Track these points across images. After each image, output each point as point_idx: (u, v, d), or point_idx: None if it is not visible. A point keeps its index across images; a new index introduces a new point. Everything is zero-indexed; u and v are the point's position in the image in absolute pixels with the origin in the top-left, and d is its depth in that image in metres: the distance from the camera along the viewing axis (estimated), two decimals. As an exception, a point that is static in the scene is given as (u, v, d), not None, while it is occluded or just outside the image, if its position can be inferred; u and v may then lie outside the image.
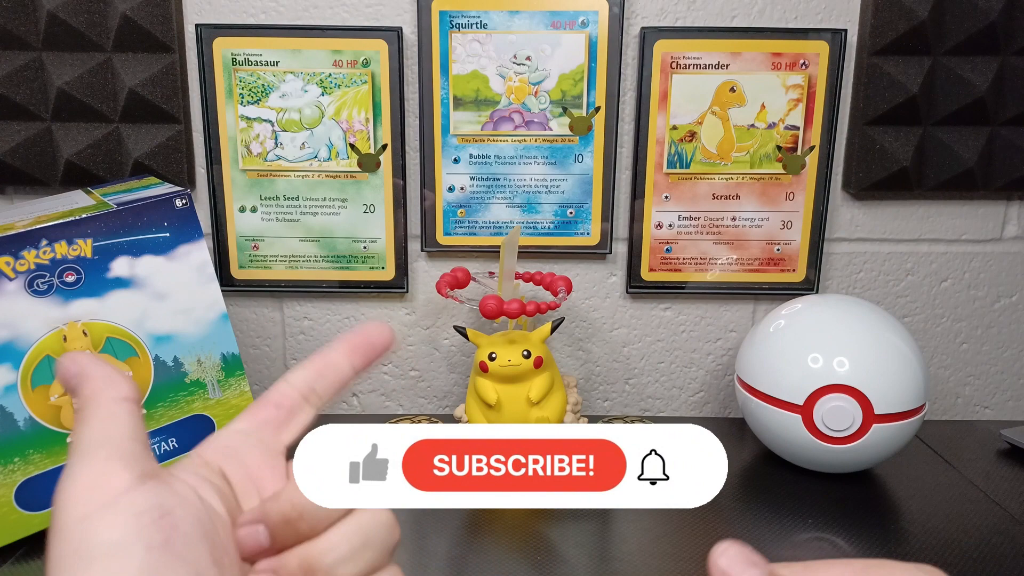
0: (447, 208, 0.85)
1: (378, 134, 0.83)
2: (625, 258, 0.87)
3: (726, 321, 0.90)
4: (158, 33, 0.79)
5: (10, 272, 0.62)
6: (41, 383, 0.64)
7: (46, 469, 0.65)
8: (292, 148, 0.83)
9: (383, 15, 0.81)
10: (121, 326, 0.66)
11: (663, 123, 0.83)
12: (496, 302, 0.74)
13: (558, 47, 0.81)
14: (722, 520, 0.70)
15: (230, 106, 0.82)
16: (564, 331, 0.90)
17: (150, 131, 0.82)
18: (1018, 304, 0.90)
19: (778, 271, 0.87)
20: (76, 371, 0.29)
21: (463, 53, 0.81)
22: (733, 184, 0.84)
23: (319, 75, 0.81)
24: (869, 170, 0.83)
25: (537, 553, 0.65)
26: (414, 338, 0.90)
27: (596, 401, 0.92)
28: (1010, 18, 0.80)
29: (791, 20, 0.82)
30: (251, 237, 0.85)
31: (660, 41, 0.81)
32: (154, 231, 0.67)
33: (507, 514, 0.71)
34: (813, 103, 0.82)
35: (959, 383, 0.93)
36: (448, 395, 0.92)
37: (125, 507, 0.24)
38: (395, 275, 0.86)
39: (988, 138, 0.83)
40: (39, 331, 0.63)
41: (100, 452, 0.26)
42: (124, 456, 0.26)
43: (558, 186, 0.84)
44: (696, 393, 0.92)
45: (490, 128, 0.83)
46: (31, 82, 0.79)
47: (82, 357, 0.29)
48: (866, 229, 0.87)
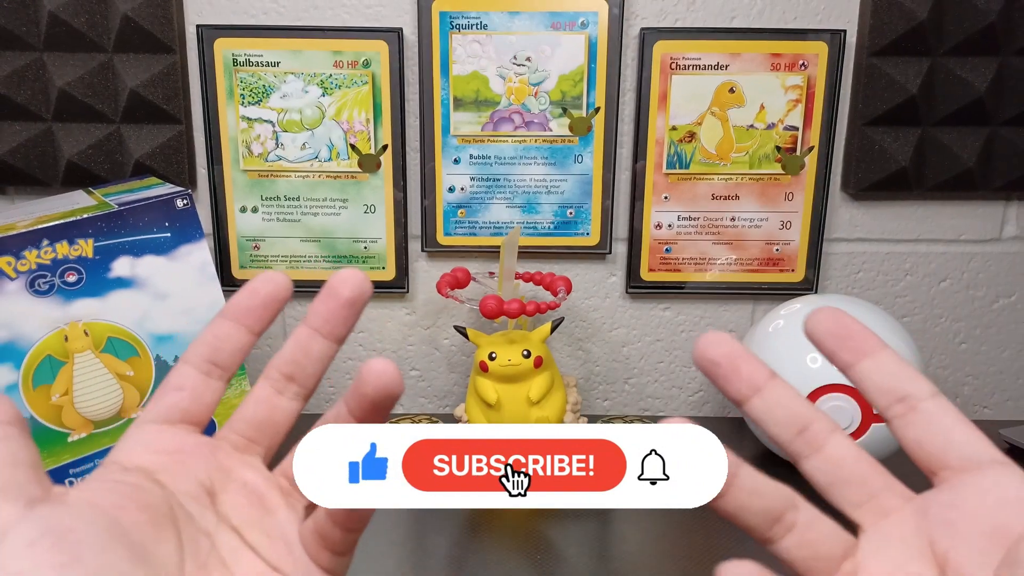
0: (447, 208, 0.85)
1: (378, 135, 0.83)
2: (625, 258, 0.87)
3: (725, 321, 0.90)
4: (159, 34, 0.79)
5: (11, 272, 0.62)
6: (42, 383, 0.64)
7: (47, 469, 0.65)
8: (293, 148, 0.83)
9: (383, 16, 0.82)
10: (122, 326, 0.67)
11: (663, 123, 0.83)
12: (496, 302, 0.74)
13: (558, 48, 0.81)
14: (722, 520, 0.70)
15: (231, 106, 0.82)
16: (564, 331, 0.90)
17: (151, 131, 0.82)
18: (1017, 304, 0.90)
19: (777, 271, 0.87)
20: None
21: (463, 54, 0.81)
22: (732, 184, 0.84)
23: (320, 76, 0.81)
24: (868, 170, 0.84)
25: (537, 553, 0.65)
26: (414, 338, 0.90)
27: (596, 401, 0.93)
28: (1010, 18, 0.80)
29: (790, 21, 0.82)
30: (252, 237, 0.85)
31: (660, 42, 0.81)
32: (155, 231, 0.67)
33: (507, 514, 0.71)
34: (812, 104, 0.82)
35: (958, 383, 0.93)
36: (448, 395, 0.92)
37: (16, 541, 0.23)
38: (395, 275, 0.87)
39: (987, 138, 0.83)
40: (40, 331, 0.63)
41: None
42: (4, 488, 0.24)
43: (558, 186, 0.84)
44: (696, 393, 0.92)
45: (490, 129, 0.83)
46: (32, 82, 0.80)
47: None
48: (865, 229, 0.88)
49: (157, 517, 0.27)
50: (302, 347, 0.30)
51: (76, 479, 0.66)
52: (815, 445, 0.28)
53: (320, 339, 0.30)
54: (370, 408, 0.29)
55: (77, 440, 0.66)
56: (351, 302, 0.30)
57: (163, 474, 0.28)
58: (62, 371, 0.65)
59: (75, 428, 0.66)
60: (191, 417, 0.30)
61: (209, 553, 0.28)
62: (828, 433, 0.29)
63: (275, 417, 0.31)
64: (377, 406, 0.29)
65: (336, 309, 0.30)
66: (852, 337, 0.29)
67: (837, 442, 0.29)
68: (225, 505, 0.29)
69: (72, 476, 0.66)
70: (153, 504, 0.27)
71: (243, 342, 0.31)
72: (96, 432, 0.67)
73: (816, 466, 0.28)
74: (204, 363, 0.30)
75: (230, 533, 0.29)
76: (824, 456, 0.28)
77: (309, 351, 0.30)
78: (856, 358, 0.29)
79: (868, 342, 0.29)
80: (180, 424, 0.30)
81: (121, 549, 0.24)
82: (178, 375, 0.30)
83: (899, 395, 0.28)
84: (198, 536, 0.28)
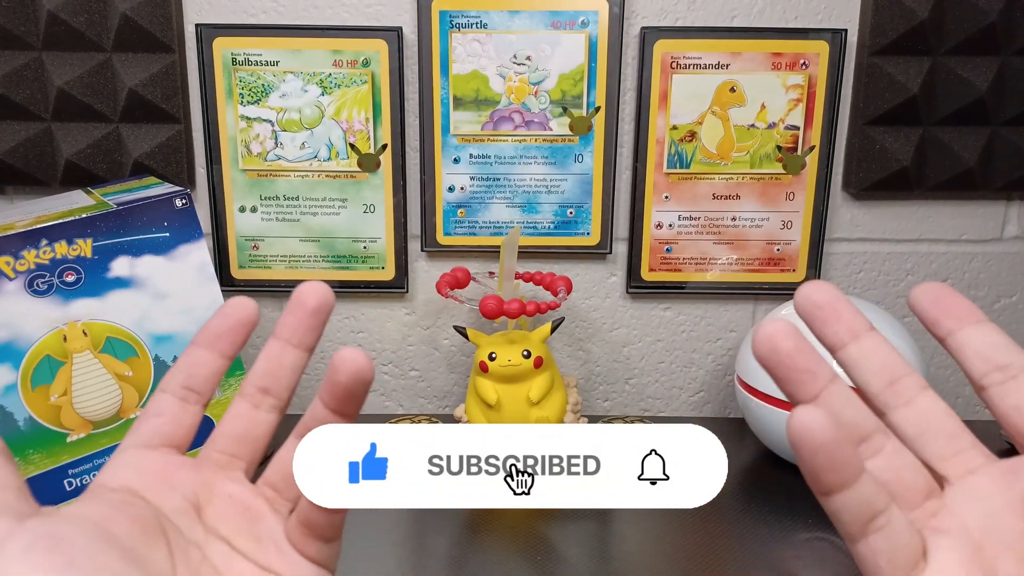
0: (447, 208, 0.85)
1: (378, 134, 0.83)
2: (625, 258, 0.87)
3: (726, 321, 0.90)
4: (158, 33, 0.79)
5: (10, 272, 0.62)
6: (41, 383, 0.64)
7: (46, 469, 0.65)
8: (292, 148, 0.83)
9: (383, 15, 0.81)
10: (121, 326, 0.66)
11: (663, 123, 0.83)
12: (496, 302, 0.74)
13: (558, 47, 0.81)
14: (722, 520, 0.70)
15: (230, 106, 0.82)
16: (564, 331, 0.90)
17: (150, 131, 0.82)
18: (1018, 304, 0.90)
19: (778, 271, 0.87)
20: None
21: (463, 53, 0.81)
22: (733, 184, 0.84)
23: (319, 75, 0.81)
24: (869, 170, 0.83)
25: (537, 553, 0.65)
26: (414, 338, 0.90)
27: (596, 401, 0.92)
28: (1010, 18, 0.80)
29: (791, 20, 0.82)
30: (251, 237, 0.85)
31: (660, 41, 0.81)
32: (154, 231, 0.67)
33: (507, 514, 0.71)
34: (813, 103, 0.82)
35: (959, 383, 0.93)
36: (448, 395, 0.92)
37: (12, 547, 0.23)
38: (395, 275, 0.86)
39: (988, 138, 0.83)
40: (39, 331, 0.63)
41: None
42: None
43: (558, 186, 0.84)
44: (696, 393, 0.92)
45: (490, 128, 0.83)
46: (31, 82, 0.79)
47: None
48: (866, 229, 0.87)
49: (147, 528, 0.27)
50: (275, 360, 0.32)
51: (75, 480, 0.66)
52: (905, 398, 0.29)
53: (291, 349, 0.31)
54: (344, 396, 0.30)
55: (76, 440, 0.66)
56: (316, 311, 0.31)
57: (149, 492, 0.29)
58: (61, 371, 0.65)
59: (74, 428, 0.66)
60: (172, 441, 0.31)
61: (201, 562, 0.28)
62: (919, 388, 0.29)
63: (254, 432, 0.32)
64: (351, 393, 0.30)
65: (303, 319, 0.31)
66: (956, 307, 0.30)
67: (928, 397, 0.29)
68: (212, 518, 0.30)
69: (71, 477, 0.66)
70: (142, 517, 0.27)
71: (216, 367, 0.32)
72: (95, 432, 0.67)
73: (905, 417, 0.29)
74: (180, 389, 0.31)
75: (219, 543, 0.29)
76: (914, 408, 0.29)
77: (282, 363, 0.31)
78: (959, 325, 0.30)
79: (972, 313, 0.30)
80: (161, 447, 0.30)
81: (115, 553, 0.25)
82: (156, 403, 0.31)
83: (999, 363, 0.29)
84: (188, 547, 0.28)
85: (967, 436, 0.29)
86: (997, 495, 0.28)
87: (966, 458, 0.29)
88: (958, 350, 0.30)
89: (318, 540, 0.30)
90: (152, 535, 0.27)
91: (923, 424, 0.29)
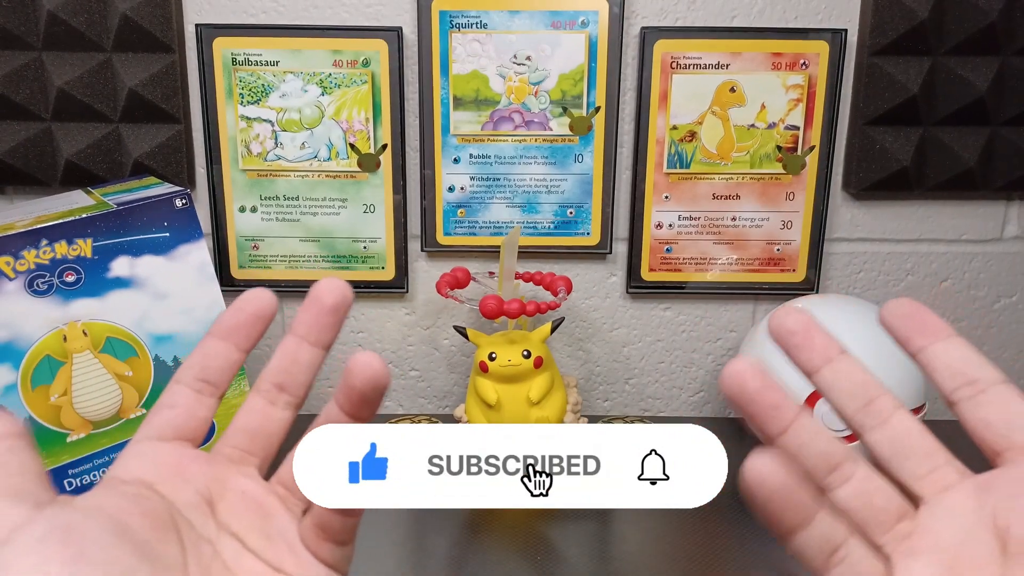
0: (447, 208, 0.85)
1: (378, 134, 0.83)
2: (625, 258, 0.87)
3: (726, 321, 0.90)
4: (158, 33, 0.79)
5: (10, 272, 0.62)
6: (41, 383, 0.64)
7: (46, 469, 0.65)
8: (292, 148, 0.83)
9: (383, 15, 0.81)
10: (121, 326, 0.66)
11: (663, 123, 0.83)
12: (496, 302, 0.74)
13: (558, 47, 0.81)
14: (722, 520, 0.70)
15: (230, 106, 0.82)
16: (564, 331, 0.90)
17: (150, 131, 0.82)
18: (1018, 304, 0.90)
19: (778, 271, 0.87)
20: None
21: (463, 53, 0.81)
22: (733, 184, 0.84)
23: (319, 75, 0.81)
24: (869, 170, 0.83)
25: (537, 553, 0.65)
26: (414, 338, 0.90)
27: (596, 401, 0.92)
28: (1010, 18, 0.80)
29: (791, 20, 0.82)
30: (251, 237, 0.85)
31: (660, 41, 0.81)
32: (154, 231, 0.67)
33: (507, 514, 0.71)
34: (813, 103, 0.82)
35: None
36: (448, 395, 0.92)
37: (26, 537, 0.24)
38: (395, 275, 0.86)
39: (988, 138, 0.83)
40: (39, 331, 0.63)
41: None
42: (12, 493, 0.25)
43: (558, 186, 0.84)
44: (696, 393, 0.92)
45: (490, 128, 0.83)
46: (31, 82, 0.79)
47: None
48: (866, 229, 0.87)
49: (160, 522, 0.27)
50: (290, 356, 0.31)
51: (75, 480, 0.66)
52: (881, 418, 0.30)
53: (307, 347, 0.31)
54: (360, 401, 0.30)
55: (76, 440, 0.66)
56: (335, 308, 0.31)
57: (162, 485, 0.29)
58: (61, 371, 0.65)
59: (74, 428, 0.66)
60: (185, 433, 0.30)
61: (212, 558, 0.28)
62: (893, 408, 0.30)
63: (268, 428, 0.31)
64: (366, 399, 0.30)
65: (320, 316, 0.31)
66: (927, 324, 0.30)
67: (902, 417, 0.30)
68: (224, 513, 0.29)
69: (71, 477, 0.66)
70: (155, 511, 0.27)
71: (232, 359, 0.31)
72: (95, 432, 0.67)
73: (880, 438, 0.30)
74: (195, 381, 0.31)
75: (231, 540, 0.29)
76: (889, 428, 0.30)
77: (298, 359, 0.31)
78: (930, 341, 0.30)
79: (942, 329, 0.30)
80: (175, 440, 0.30)
81: (127, 546, 0.25)
82: (170, 394, 0.31)
83: (969, 378, 0.29)
84: (200, 542, 0.28)
85: (942, 453, 0.30)
86: (971, 512, 0.28)
87: (940, 476, 0.29)
88: (928, 365, 0.30)
89: (332, 543, 0.30)
90: (165, 529, 0.27)
91: (898, 444, 0.29)
